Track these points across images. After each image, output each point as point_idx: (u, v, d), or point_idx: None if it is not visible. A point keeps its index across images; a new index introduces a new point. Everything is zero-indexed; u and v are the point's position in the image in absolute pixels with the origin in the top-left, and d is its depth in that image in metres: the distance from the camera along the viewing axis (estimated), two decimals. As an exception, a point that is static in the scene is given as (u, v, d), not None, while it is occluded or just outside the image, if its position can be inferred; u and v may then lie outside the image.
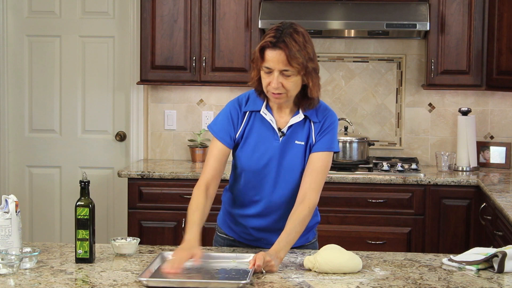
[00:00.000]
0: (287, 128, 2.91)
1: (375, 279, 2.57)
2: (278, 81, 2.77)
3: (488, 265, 2.67)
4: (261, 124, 2.92)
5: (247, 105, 2.94)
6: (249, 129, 2.93)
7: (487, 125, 5.32)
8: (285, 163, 2.90)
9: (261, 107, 2.92)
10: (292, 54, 2.73)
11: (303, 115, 2.90)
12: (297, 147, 2.90)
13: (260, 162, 2.91)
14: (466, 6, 4.96)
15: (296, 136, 2.91)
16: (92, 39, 5.54)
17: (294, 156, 2.90)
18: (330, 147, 2.90)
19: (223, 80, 5.14)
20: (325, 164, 2.90)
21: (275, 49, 2.75)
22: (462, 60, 5.00)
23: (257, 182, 2.94)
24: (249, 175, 2.94)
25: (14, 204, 2.73)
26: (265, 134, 2.91)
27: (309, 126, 2.92)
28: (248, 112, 2.93)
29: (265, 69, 2.79)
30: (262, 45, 2.78)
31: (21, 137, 5.64)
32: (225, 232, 3.12)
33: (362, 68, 5.37)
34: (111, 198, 5.58)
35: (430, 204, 4.80)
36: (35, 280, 2.53)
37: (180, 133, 5.51)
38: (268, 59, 2.77)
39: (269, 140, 2.91)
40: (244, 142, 2.93)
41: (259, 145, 2.91)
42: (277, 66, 2.76)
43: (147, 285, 2.48)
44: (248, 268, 2.60)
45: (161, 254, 2.78)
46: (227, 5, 5.09)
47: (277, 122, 2.92)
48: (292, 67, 2.75)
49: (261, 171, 2.91)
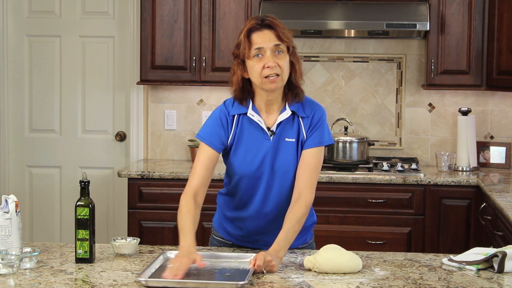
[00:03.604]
0: (276, 126, 2.89)
1: (375, 279, 2.57)
2: (273, 60, 2.78)
3: (488, 265, 2.67)
4: (250, 126, 2.90)
5: (233, 108, 2.92)
6: (239, 133, 2.91)
7: (487, 125, 5.32)
8: (278, 162, 2.89)
9: (248, 109, 2.90)
10: (281, 30, 2.80)
11: (290, 111, 2.89)
12: (288, 144, 2.89)
13: (254, 164, 2.89)
14: (466, 6, 4.96)
15: (286, 134, 2.90)
16: (92, 39, 5.54)
17: (286, 154, 2.89)
18: (321, 142, 2.89)
19: (223, 80, 5.13)
20: (317, 160, 2.89)
21: (262, 29, 2.81)
22: (462, 60, 5.00)
23: (251, 184, 2.92)
24: (244, 178, 2.92)
25: (14, 204, 2.73)
26: (255, 136, 2.90)
27: (298, 122, 2.90)
28: (236, 115, 2.91)
29: (255, 51, 2.80)
30: (249, 28, 2.81)
31: (21, 137, 5.64)
32: (221, 236, 3.11)
33: (362, 68, 5.37)
34: (111, 198, 5.58)
35: (430, 204, 4.80)
36: (35, 280, 2.53)
37: (180, 133, 5.51)
38: (257, 41, 2.79)
39: (260, 141, 2.89)
40: (236, 147, 2.91)
41: (251, 147, 2.89)
42: (269, 44, 2.79)
43: (146, 285, 2.48)
44: (249, 268, 2.60)
45: (163, 254, 2.79)
46: (227, 5, 5.09)
47: (265, 121, 2.90)
48: (283, 42, 2.80)
49: (255, 172, 2.90)
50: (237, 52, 2.84)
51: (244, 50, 2.81)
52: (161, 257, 2.76)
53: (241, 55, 2.83)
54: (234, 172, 2.93)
